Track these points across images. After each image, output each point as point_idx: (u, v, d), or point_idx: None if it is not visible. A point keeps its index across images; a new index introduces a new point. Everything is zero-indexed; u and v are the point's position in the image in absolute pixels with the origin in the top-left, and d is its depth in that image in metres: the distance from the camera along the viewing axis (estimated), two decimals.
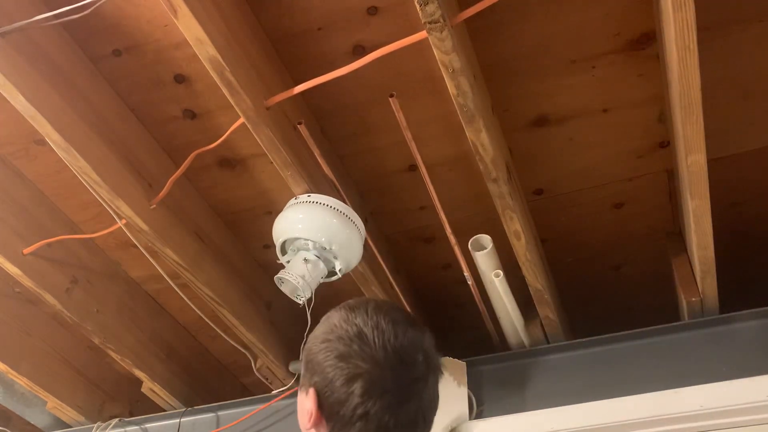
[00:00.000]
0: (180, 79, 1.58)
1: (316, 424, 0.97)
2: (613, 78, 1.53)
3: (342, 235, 1.59)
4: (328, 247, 1.57)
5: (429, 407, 1.00)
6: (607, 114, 1.60)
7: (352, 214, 1.62)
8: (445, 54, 1.29)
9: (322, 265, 1.58)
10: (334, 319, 1.00)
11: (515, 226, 1.62)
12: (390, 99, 1.42)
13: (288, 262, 1.61)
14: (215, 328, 2.00)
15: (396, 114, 1.44)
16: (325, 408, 0.96)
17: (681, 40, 1.21)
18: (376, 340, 0.95)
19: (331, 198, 1.61)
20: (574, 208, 1.83)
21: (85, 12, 1.37)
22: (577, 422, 1.67)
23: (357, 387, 0.93)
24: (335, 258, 1.59)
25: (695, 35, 1.20)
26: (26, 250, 1.77)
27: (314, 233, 1.57)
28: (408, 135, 1.48)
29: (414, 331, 0.99)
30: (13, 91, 1.39)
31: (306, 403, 0.98)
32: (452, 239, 1.69)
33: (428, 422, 1.01)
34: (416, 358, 0.97)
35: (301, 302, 1.58)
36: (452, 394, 1.86)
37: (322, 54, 1.51)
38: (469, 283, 1.79)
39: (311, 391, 0.97)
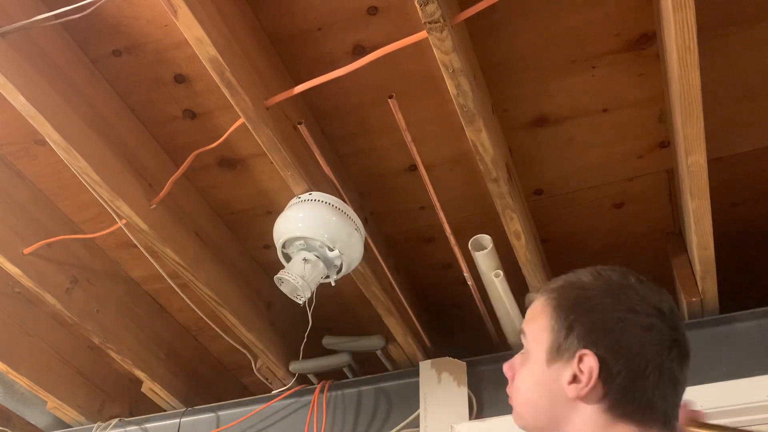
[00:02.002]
0: (180, 79, 1.58)
1: (589, 390, 0.89)
2: (613, 78, 1.53)
3: (343, 232, 1.58)
4: (329, 246, 1.57)
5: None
6: (607, 114, 1.60)
7: (351, 213, 1.62)
8: (445, 54, 1.29)
9: (321, 264, 1.58)
10: (604, 276, 0.96)
11: (515, 226, 1.62)
12: (389, 100, 1.42)
13: (288, 262, 1.61)
14: (215, 328, 2.00)
15: (395, 115, 1.44)
16: (608, 367, 0.89)
17: (681, 40, 1.21)
18: (652, 297, 0.94)
19: (332, 196, 1.61)
20: (574, 208, 1.83)
21: (85, 12, 1.37)
22: None
23: (653, 336, 0.90)
24: (336, 257, 1.59)
25: (695, 35, 1.20)
26: (26, 250, 1.77)
27: (315, 231, 1.56)
28: (407, 137, 1.48)
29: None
30: (13, 91, 1.39)
31: (570, 368, 0.90)
32: (452, 239, 1.69)
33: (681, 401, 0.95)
34: (684, 326, 0.96)
35: (301, 302, 1.58)
36: (452, 394, 1.86)
37: (322, 54, 1.51)
38: (469, 283, 1.79)
39: (587, 354, 0.90)
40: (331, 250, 1.58)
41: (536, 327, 0.98)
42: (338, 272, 1.63)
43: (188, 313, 2.07)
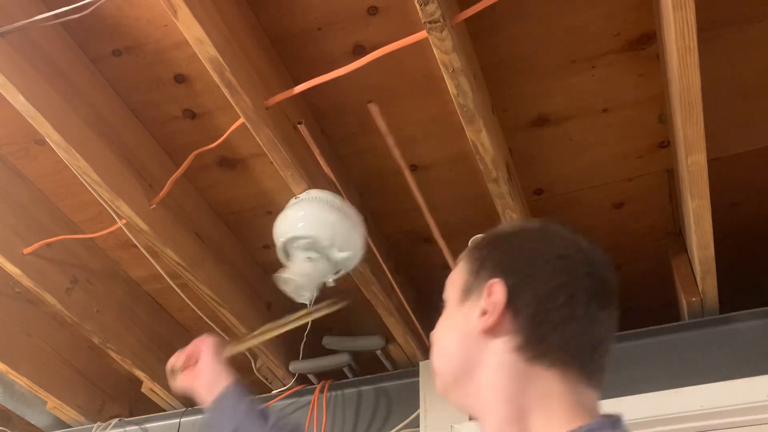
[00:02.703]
0: (180, 79, 1.58)
1: (497, 320, 0.83)
2: (613, 78, 1.53)
3: (343, 231, 1.58)
4: (329, 244, 1.57)
5: (614, 337, 0.86)
6: (607, 114, 1.60)
7: (351, 212, 1.62)
8: (445, 54, 1.29)
9: (322, 263, 1.58)
10: (525, 223, 0.95)
11: None
12: (369, 105, 1.41)
13: (289, 262, 1.61)
14: (215, 328, 2.00)
15: (376, 121, 1.44)
16: (516, 296, 0.83)
17: (681, 40, 1.20)
18: (574, 237, 0.88)
19: (332, 196, 1.61)
20: (574, 208, 1.83)
21: (85, 12, 1.37)
22: None
23: (565, 265, 0.84)
24: (336, 257, 1.59)
25: (695, 35, 1.20)
26: (26, 250, 1.77)
27: (315, 231, 1.56)
28: (390, 140, 1.49)
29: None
30: (13, 91, 1.39)
31: (481, 302, 0.85)
32: (441, 242, 1.69)
33: (610, 356, 0.86)
34: (609, 269, 0.87)
35: (306, 301, 1.58)
36: None
37: (322, 54, 1.51)
38: None
39: (495, 283, 0.84)
40: (331, 249, 1.58)
41: (453, 276, 0.94)
42: (338, 272, 1.63)
43: (188, 313, 2.07)
